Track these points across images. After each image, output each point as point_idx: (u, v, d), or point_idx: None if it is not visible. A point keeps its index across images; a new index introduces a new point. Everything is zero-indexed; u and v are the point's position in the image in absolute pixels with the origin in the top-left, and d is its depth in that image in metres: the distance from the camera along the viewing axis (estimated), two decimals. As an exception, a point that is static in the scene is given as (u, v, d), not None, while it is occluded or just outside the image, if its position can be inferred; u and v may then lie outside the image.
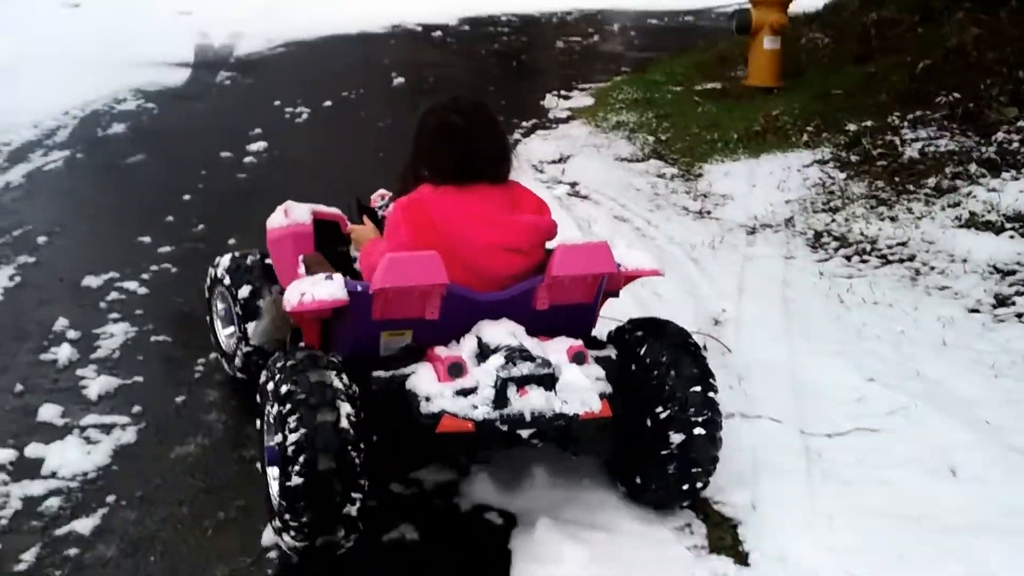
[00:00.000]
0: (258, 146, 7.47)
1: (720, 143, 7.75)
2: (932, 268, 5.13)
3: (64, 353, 4.14)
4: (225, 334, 3.91)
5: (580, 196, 6.65)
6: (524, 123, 8.78)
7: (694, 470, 2.95)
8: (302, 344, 3.11)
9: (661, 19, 17.03)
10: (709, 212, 6.36)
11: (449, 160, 2.94)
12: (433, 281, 2.72)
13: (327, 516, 2.62)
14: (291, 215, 3.55)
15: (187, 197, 6.21)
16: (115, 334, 4.37)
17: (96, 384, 3.91)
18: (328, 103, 9.07)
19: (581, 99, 9.87)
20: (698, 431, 2.90)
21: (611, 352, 3.04)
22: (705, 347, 4.34)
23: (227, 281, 3.79)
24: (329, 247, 3.52)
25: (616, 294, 3.20)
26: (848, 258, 5.44)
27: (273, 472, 2.75)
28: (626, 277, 3.13)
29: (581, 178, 7.05)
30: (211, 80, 10.21)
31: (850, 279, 5.08)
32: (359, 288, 2.77)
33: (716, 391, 2.99)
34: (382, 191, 3.72)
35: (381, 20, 14.85)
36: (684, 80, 10.38)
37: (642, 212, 6.32)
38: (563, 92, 10.06)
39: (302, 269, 3.24)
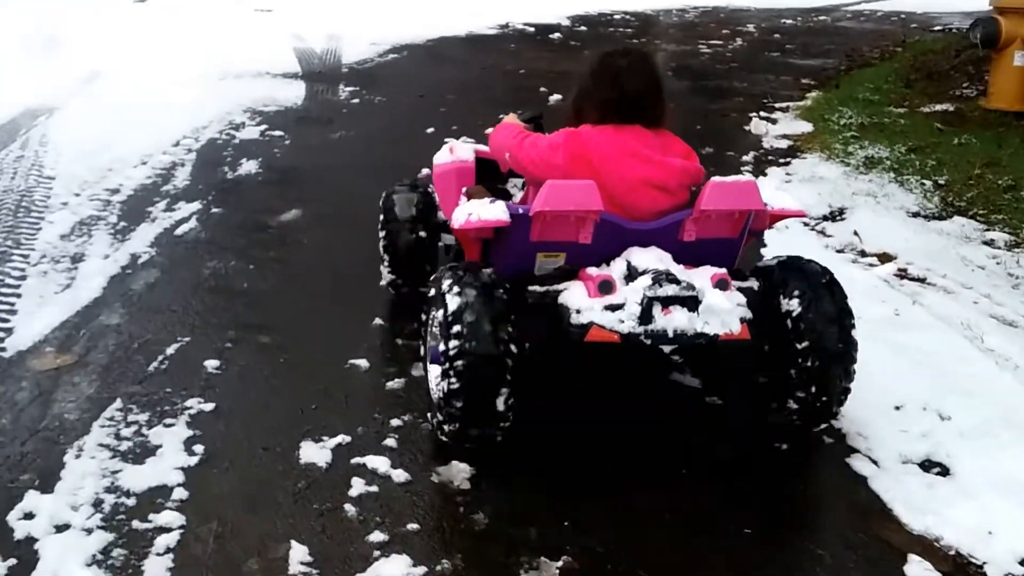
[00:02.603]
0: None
1: (1027, 193, 5.95)
2: None
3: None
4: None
5: (915, 279, 4.83)
6: (744, 156, 6.97)
7: (825, 398, 3.06)
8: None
9: (794, 18, 15.26)
10: (1115, 311, 4.53)
11: (606, 97, 3.09)
12: (588, 207, 2.90)
13: (480, 405, 2.84)
14: (456, 152, 3.88)
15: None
16: (393, 578, 2.59)
17: None
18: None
19: (790, 123, 8.06)
20: (834, 365, 3.02)
21: (753, 283, 3.14)
22: None
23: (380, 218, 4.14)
24: (488, 183, 3.75)
25: (762, 233, 3.32)
26: None
27: (435, 370, 2.99)
28: (772, 217, 3.20)
29: (887, 245, 5.23)
30: (333, 97, 8.42)
31: None
32: (520, 211, 2.97)
33: (853, 328, 3.05)
34: None
35: (486, 20, 13.17)
36: (899, 99, 8.64)
37: (1026, 310, 4.50)
38: (764, 114, 8.23)
39: (463, 199, 3.60)
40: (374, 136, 7.13)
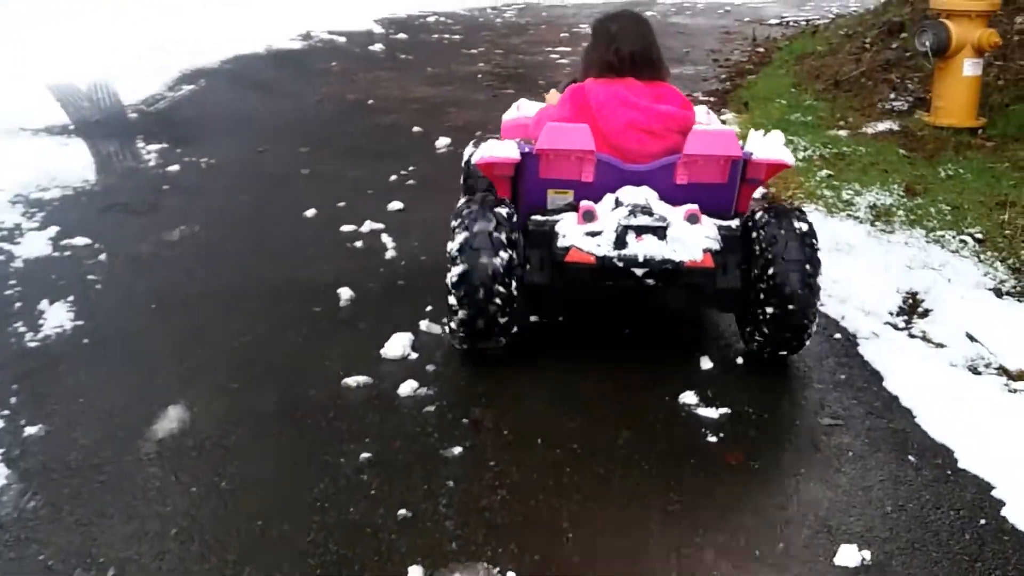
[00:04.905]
0: (398, 343, 3.49)
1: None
2: None
3: None
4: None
5: None
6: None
7: (788, 334, 3.33)
8: None
9: (621, 15, 13.71)
10: None
11: (601, 56, 3.50)
12: (582, 147, 3.30)
13: (477, 307, 3.13)
14: (521, 110, 4.19)
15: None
16: None
17: None
18: (397, 207, 5.06)
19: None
20: (792, 306, 3.24)
21: (733, 223, 3.41)
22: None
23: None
24: None
25: (761, 182, 3.56)
26: None
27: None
28: (766, 167, 3.45)
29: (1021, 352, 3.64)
30: (138, 164, 5.87)
31: None
32: (527, 149, 3.36)
33: (816, 275, 3.28)
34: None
35: (282, 29, 10.82)
36: (831, 119, 7.40)
37: None
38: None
39: None
40: (233, 231, 4.72)
